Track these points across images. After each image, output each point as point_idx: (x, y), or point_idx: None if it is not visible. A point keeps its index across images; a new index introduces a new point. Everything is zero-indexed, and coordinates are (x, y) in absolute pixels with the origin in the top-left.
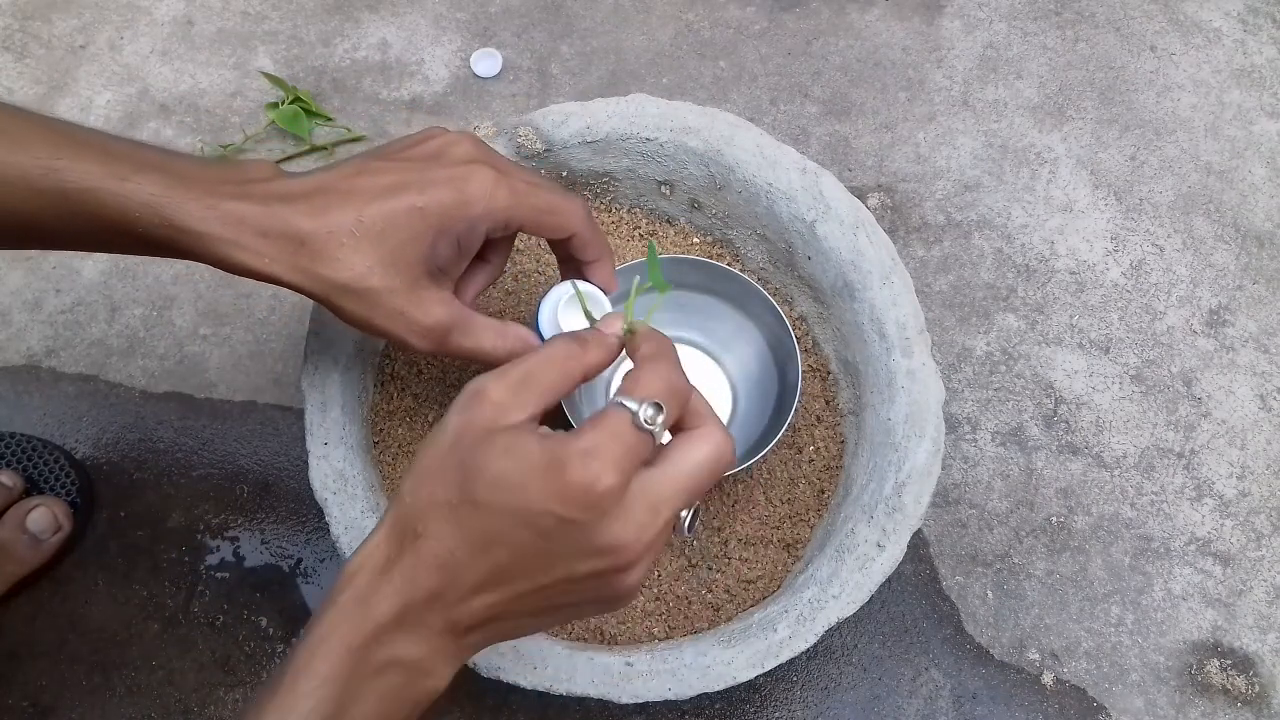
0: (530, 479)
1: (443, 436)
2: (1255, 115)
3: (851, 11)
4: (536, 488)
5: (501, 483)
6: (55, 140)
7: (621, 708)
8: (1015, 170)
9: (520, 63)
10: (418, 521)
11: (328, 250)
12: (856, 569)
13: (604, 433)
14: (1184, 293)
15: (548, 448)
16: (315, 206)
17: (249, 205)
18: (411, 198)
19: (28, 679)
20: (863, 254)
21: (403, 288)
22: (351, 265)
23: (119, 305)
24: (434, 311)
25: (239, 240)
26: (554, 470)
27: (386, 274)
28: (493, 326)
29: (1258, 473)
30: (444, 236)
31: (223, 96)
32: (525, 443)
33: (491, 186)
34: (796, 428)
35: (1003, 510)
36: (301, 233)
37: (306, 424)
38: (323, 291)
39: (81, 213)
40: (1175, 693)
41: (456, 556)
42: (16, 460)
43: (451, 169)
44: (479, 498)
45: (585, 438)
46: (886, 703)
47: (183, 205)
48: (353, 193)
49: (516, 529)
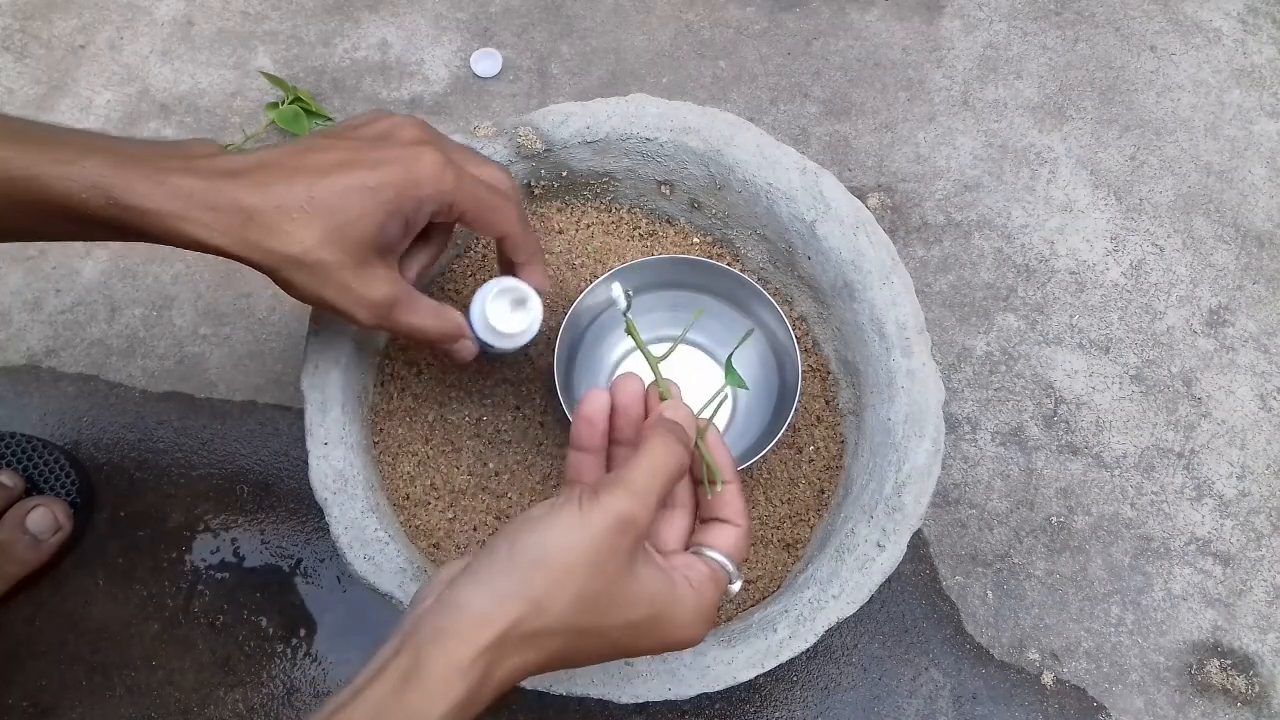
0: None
1: (589, 548)
2: (1255, 115)
3: (851, 11)
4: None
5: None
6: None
7: (621, 708)
8: (1015, 170)
9: (520, 63)
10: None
11: (277, 224)
12: (856, 569)
13: (715, 595)
14: (1184, 293)
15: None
16: (261, 181)
17: (195, 180)
18: (363, 175)
19: (28, 679)
20: (863, 254)
21: (350, 263)
22: (301, 239)
23: (119, 305)
24: (380, 287)
25: (186, 214)
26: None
27: (335, 249)
28: (432, 308)
29: (1258, 473)
30: (393, 215)
31: (223, 96)
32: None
33: (440, 169)
34: (796, 428)
35: (1003, 510)
36: (249, 207)
37: (306, 424)
38: (271, 264)
39: (27, 199)
40: (1175, 693)
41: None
42: (16, 460)
43: (401, 149)
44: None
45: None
46: (886, 703)
47: (129, 183)
48: (301, 169)
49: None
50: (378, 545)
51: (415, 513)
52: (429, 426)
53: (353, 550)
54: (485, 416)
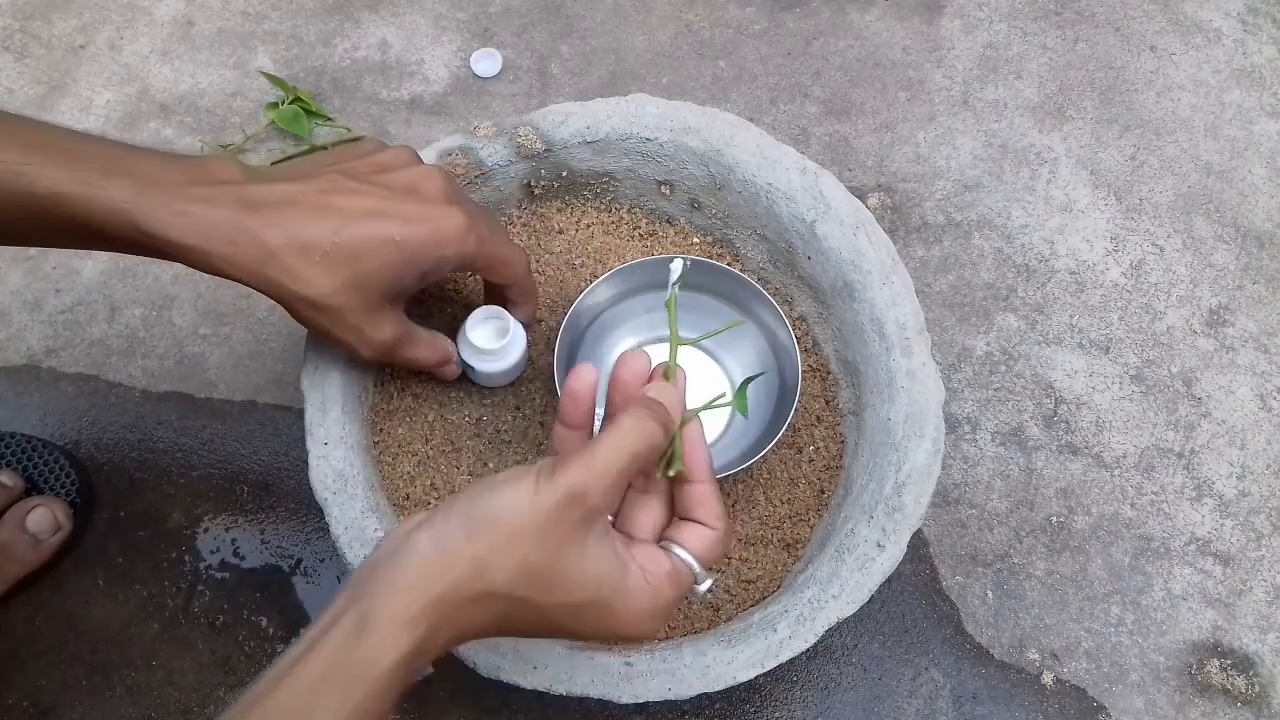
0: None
1: (532, 515)
2: (1255, 115)
3: (851, 11)
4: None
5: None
6: (25, 142)
7: (621, 708)
8: (1015, 170)
9: (520, 63)
10: (484, 597)
11: (298, 266)
12: (856, 569)
13: (674, 594)
14: (1184, 293)
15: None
16: (286, 218)
17: (219, 211)
18: (390, 229)
19: (28, 679)
20: (863, 254)
21: (363, 308)
22: (320, 284)
23: (119, 305)
24: (388, 330)
25: (209, 248)
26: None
27: (352, 295)
28: (427, 339)
29: (1258, 473)
30: (411, 268)
31: (223, 96)
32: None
33: (465, 232)
34: (796, 428)
35: (1003, 510)
36: (272, 246)
37: (306, 424)
38: (287, 300)
39: (51, 215)
40: (1175, 693)
41: (489, 629)
42: (16, 460)
43: (429, 208)
44: (543, 604)
45: (649, 596)
46: (886, 703)
47: (151, 212)
48: (328, 210)
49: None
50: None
51: (415, 513)
52: (429, 426)
53: (353, 550)
54: (485, 416)
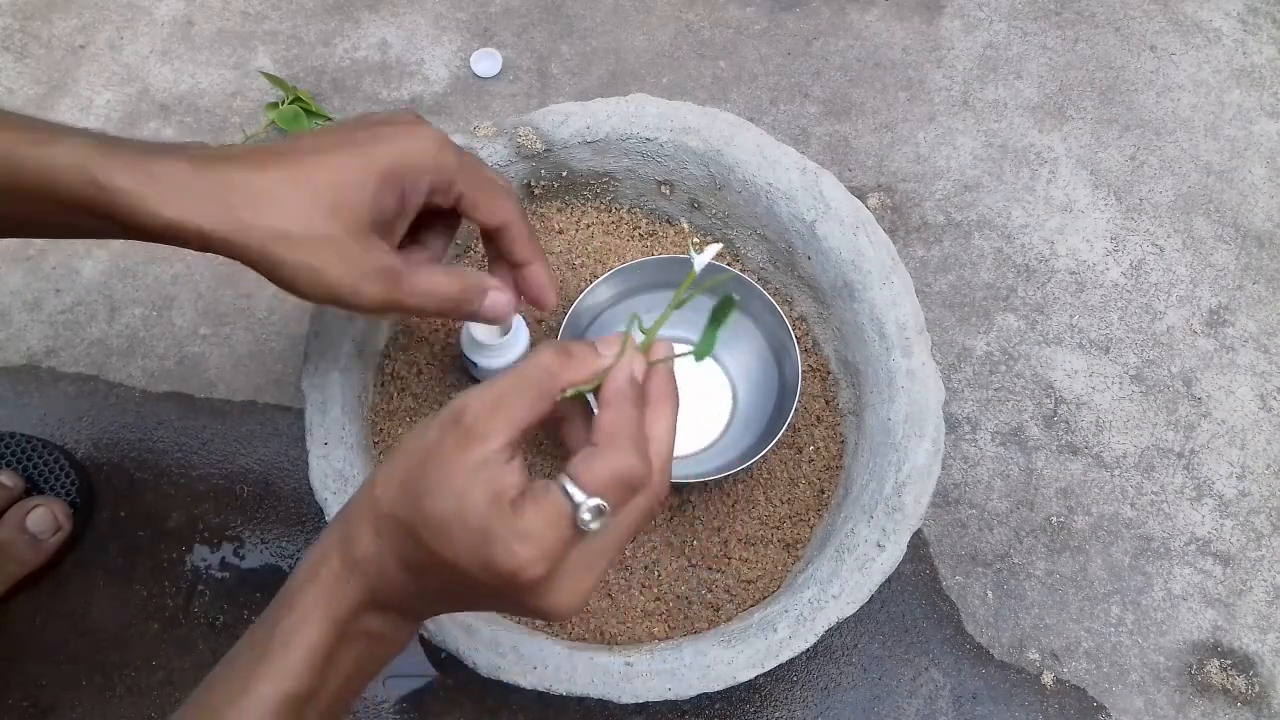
0: (467, 547)
1: (422, 444)
2: (1255, 115)
3: (851, 11)
4: (470, 557)
5: (444, 534)
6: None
7: (621, 708)
8: (1015, 170)
9: (520, 63)
10: (378, 523)
11: (267, 197)
12: (856, 569)
13: (541, 519)
14: (1184, 293)
15: (487, 518)
16: (253, 162)
17: (181, 163)
18: (357, 148)
19: (28, 679)
20: (863, 254)
21: (347, 235)
22: (293, 213)
23: (119, 305)
24: (383, 257)
25: (167, 195)
26: (486, 549)
27: (329, 221)
28: (444, 269)
29: (1258, 473)
30: (388, 186)
31: (223, 96)
32: (474, 499)
33: (439, 145)
34: (796, 428)
35: (1003, 510)
36: (238, 182)
37: (306, 424)
38: (260, 243)
39: (2, 182)
40: (1175, 693)
41: (401, 573)
42: (16, 460)
43: (400, 127)
44: (424, 535)
45: (522, 520)
46: (886, 703)
47: (109, 164)
48: (294, 149)
49: (452, 575)
50: None
51: None
52: None
53: None
54: None
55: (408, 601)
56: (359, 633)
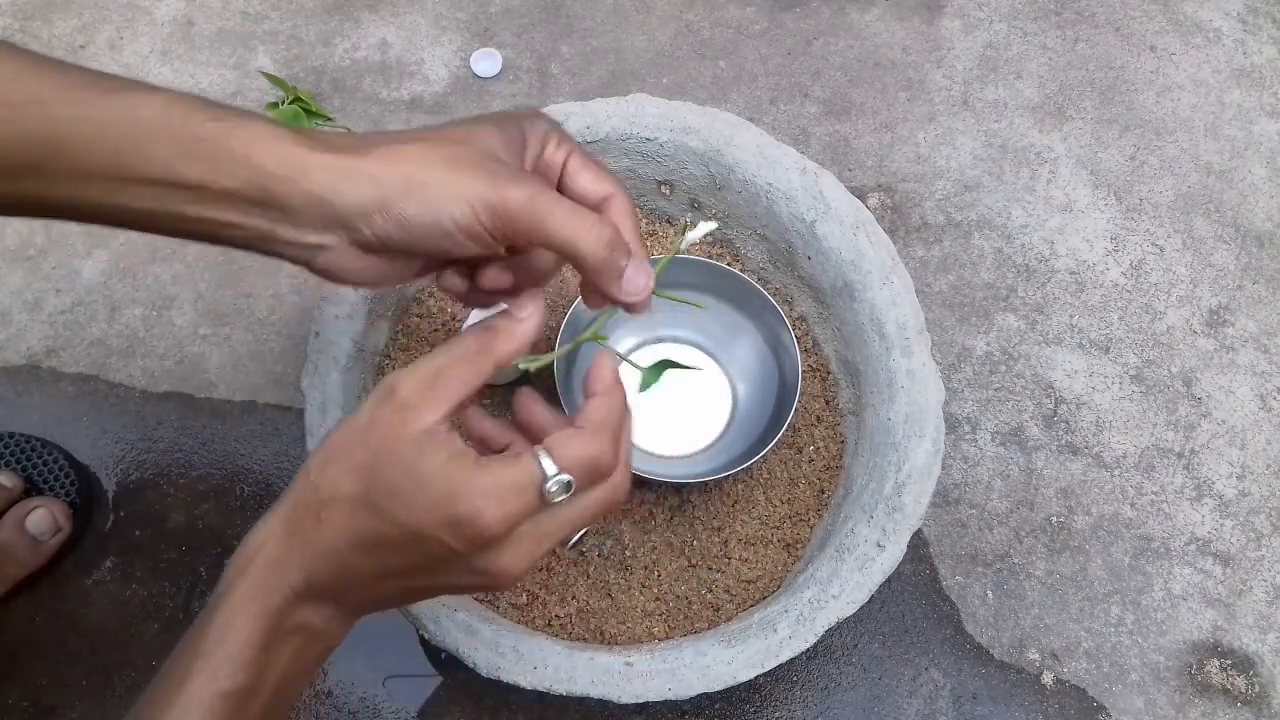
0: (426, 503)
1: (355, 424)
2: (1255, 115)
3: (851, 11)
4: (430, 513)
5: (399, 497)
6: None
7: (621, 708)
8: (1015, 170)
9: (520, 63)
10: (320, 507)
11: (381, 150)
12: (856, 569)
13: (508, 482)
14: (1184, 293)
15: (449, 474)
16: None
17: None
18: (474, 121)
19: (28, 679)
20: (863, 254)
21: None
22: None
23: (119, 305)
24: (510, 186)
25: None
26: (449, 502)
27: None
28: (579, 210)
29: (1258, 473)
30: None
31: (223, 96)
32: (429, 461)
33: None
34: (796, 428)
35: (1003, 510)
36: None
37: (306, 424)
38: (376, 194)
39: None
40: (1175, 693)
41: (349, 553)
42: (16, 460)
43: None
44: (377, 503)
45: (489, 476)
46: (886, 703)
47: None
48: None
49: (406, 541)
50: None
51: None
52: None
53: None
54: None
55: (350, 589)
56: (294, 627)
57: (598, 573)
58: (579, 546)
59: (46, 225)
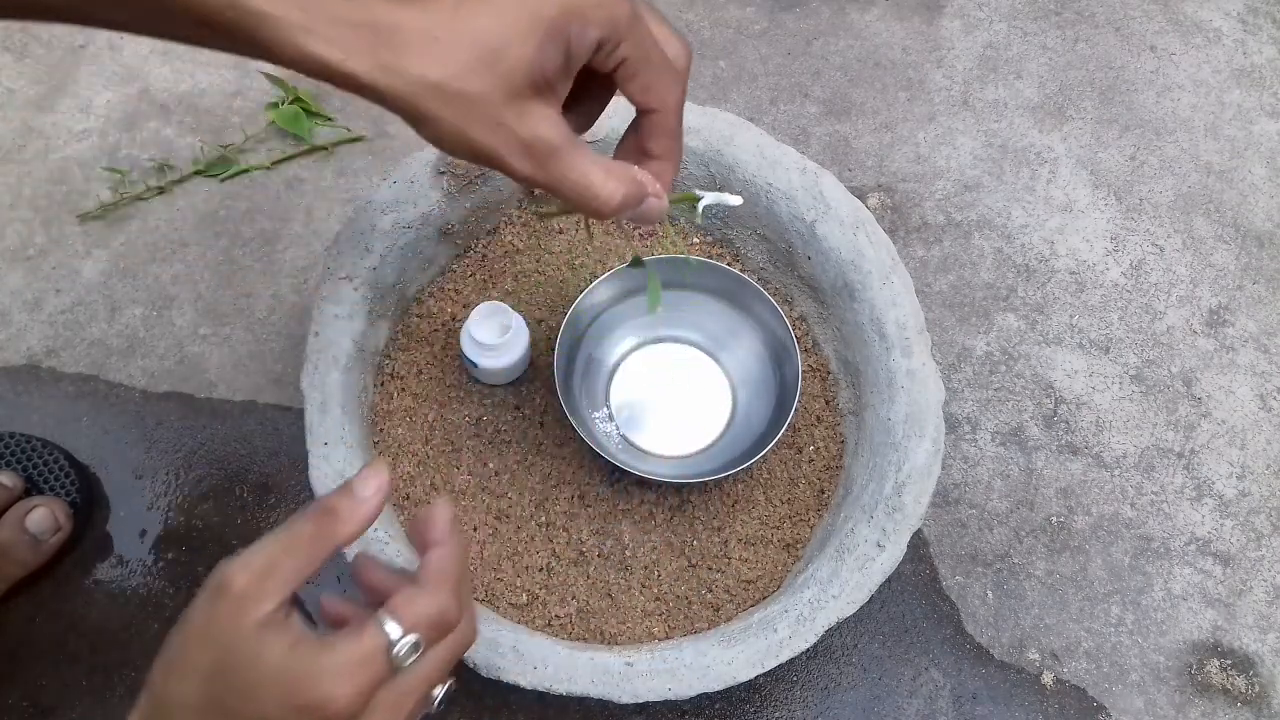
0: (277, 696)
1: (191, 627)
2: (1255, 115)
3: (851, 11)
4: (282, 706)
5: (248, 696)
6: None
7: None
8: (1015, 170)
9: None
10: (171, 716)
11: (418, 43)
12: (856, 569)
13: (355, 656)
14: (1184, 293)
15: (294, 662)
16: (408, 2)
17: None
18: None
19: (28, 679)
20: (863, 254)
21: (503, 96)
22: (446, 61)
23: (119, 305)
24: (539, 126)
25: (312, 26)
26: (299, 691)
27: (485, 75)
28: (601, 162)
29: (1258, 473)
30: (553, 39)
31: (223, 96)
32: (272, 650)
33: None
34: (796, 428)
35: (1003, 510)
36: (389, 22)
37: (306, 424)
38: (409, 94)
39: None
40: (1175, 693)
41: None
42: (16, 460)
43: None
44: (227, 705)
45: (335, 655)
46: (886, 703)
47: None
48: None
49: None
50: (377, 545)
51: (415, 513)
52: (429, 427)
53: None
54: (485, 416)
55: None
56: None
57: (598, 573)
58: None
59: (46, 225)
